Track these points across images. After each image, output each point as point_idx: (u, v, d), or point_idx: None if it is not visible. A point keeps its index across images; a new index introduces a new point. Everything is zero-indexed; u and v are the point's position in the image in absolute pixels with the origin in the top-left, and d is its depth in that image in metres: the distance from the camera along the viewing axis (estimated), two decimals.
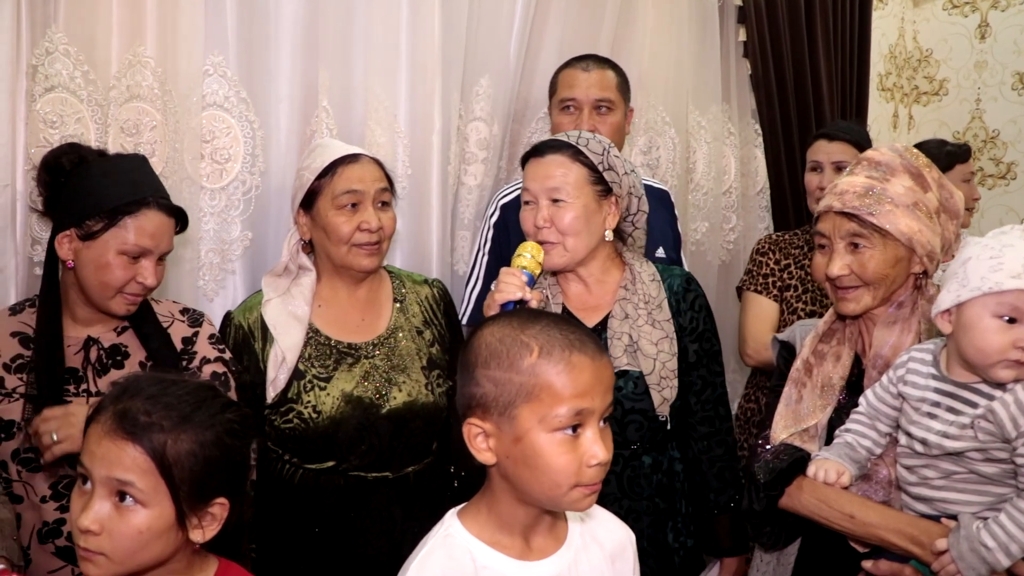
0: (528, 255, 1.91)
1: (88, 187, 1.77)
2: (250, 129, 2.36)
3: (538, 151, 2.02)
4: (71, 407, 1.72)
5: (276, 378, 2.00)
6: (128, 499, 1.23)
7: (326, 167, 2.02)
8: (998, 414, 1.49)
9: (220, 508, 1.31)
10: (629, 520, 1.93)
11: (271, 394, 2.00)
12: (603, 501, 1.90)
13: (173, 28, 2.19)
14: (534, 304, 1.84)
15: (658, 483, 2.01)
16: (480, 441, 1.25)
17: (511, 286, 1.84)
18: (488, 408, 1.23)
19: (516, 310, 1.72)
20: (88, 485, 1.25)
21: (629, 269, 2.05)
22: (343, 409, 2.00)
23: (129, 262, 1.77)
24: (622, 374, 1.96)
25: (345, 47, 2.46)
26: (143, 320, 1.87)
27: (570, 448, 1.21)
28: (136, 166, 1.85)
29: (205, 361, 1.90)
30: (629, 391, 1.96)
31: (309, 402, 1.99)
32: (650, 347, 1.97)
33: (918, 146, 3.18)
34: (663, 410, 1.97)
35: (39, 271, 2.05)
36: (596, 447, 1.21)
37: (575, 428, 1.21)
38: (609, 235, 2.03)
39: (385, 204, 2.07)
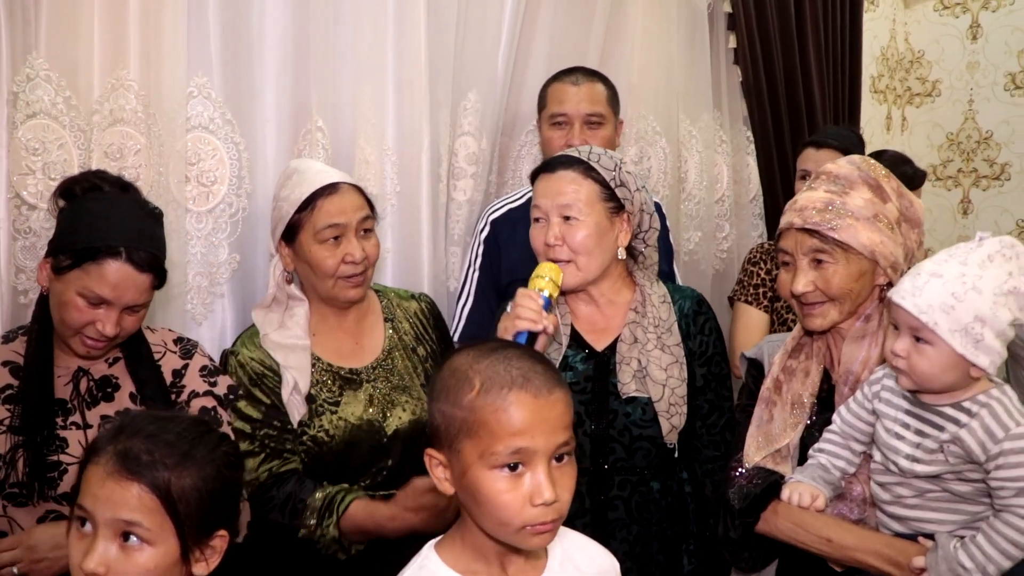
0: (547, 277, 1.86)
1: (71, 221, 1.74)
2: (236, 151, 2.34)
3: (548, 167, 1.98)
4: (25, 536, 1.68)
5: (289, 404, 1.99)
6: (133, 539, 1.23)
7: (305, 200, 1.99)
8: (965, 442, 1.49)
9: (221, 540, 1.33)
10: (639, 546, 1.94)
11: (295, 418, 1.99)
12: (612, 527, 1.92)
13: (156, 50, 2.17)
14: (551, 331, 1.80)
15: (668, 507, 1.98)
16: (440, 471, 1.26)
17: (529, 311, 1.77)
18: (440, 440, 1.24)
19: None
20: (88, 527, 1.25)
21: (640, 290, 2.02)
22: (355, 432, 2.01)
23: (88, 306, 1.71)
24: (631, 400, 1.93)
25: (331, 66, 2.44)
26: (135, 352, 1.85)
27: (513, 486, 1.19)
28: (127, 211, 1.78)
29: (194, 395, 1.87)
30: (637, 417, 1.93)
31: (322, 426, 2.00)
32: (659, 373, 1.93)
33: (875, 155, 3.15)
34: (671, 438, 1.93)
35: (23, 300, 2.05)
36: (541, 487, 1.18)
37: (516, 466, 1.19)
38: (622, 253, 1.99)
39: (367, 232, 2.05)
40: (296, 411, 1.99)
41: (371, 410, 2.04)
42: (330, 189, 2.01)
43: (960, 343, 1.47)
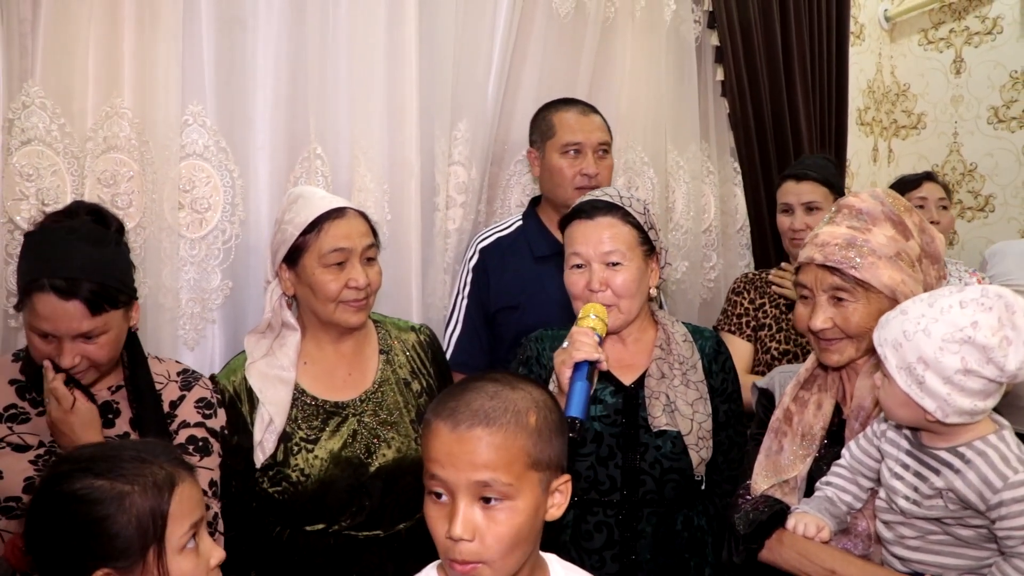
0: (594, 316, 1.86)
1: (20, 259, 1.76)
2: (230, 178, 2.37)
3: (585, 213, 1.99)
4: (70, 419, 1.72)
5: (264, 442, 1.96)
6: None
7: (311, 222, 1.97)
8: (961, 492, 1.47)
9: None
10: None
11: (260, 458, 1.96)
12: (639, 559, 1.93)
13: (151, 79, 2.21)
14: (604, 364, 1.81)
15: (688, 539, 2.00)
16: None
17: (587, 345, 1.78)
18: None
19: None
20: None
21: (662, 329, 2.06)
22: (332, 471, 1.96)
23: (43, 340, 1.71)
24: (661, 434, 1.95)
25: (325, 95, 2.47)
26: (135, 381, 1.85)
27: (439, 512, 1.22)
28: (56, 240, 1.72)
29: (184, 425, 1.86)
30: (668, 450, 1.94)
31: (297, 465, 1.96)
32: (686, 408, 1.97)
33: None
34: (701, 470, 1.96)
35: (14, 323, 2.07)
36: (452, 521, 1.19)
37: (440, 494, 1.22)
38: (654, 292, 2.04)
39: (371, 259, 2.04)
40: (263, 452, 1.96)
41: (354, 446, 2.00)
42: (337, 213, 2.00)
43: (904, 381, 1.47)
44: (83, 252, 1.71)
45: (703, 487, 2.00)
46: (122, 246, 1.82)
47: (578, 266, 1.98)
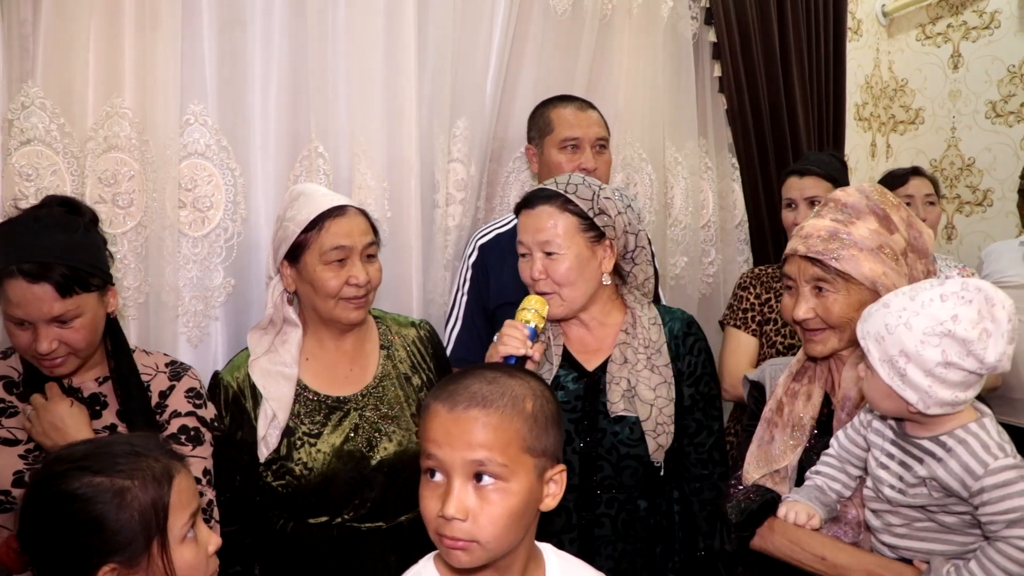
0: (532, 309, 1.90)
1: None
2: (231, 177, 2.39)
3: (528, 202, 2.02)
4: (55, 408, 1.76)
5: (267, 437, 1.99)
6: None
7: (312, 220, 1.99)
8: (943, 480, 1.49)
9: None
10: (624, 563, 1.97)
11: (264, 452, 1.98)
12: (598, 544, 1.95)
13: (151, 79, 2.22)
14: (537, 358, 1.84)
15: (655, 526, 2.01)
16: None
17: (514, 340, 1.83)
18: None
19: (500, 364, 1.72)
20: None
21: (630, 312, 2.06)
22: (334, 465, 1.99)
23: (19, 328, 1.72)
24: (619, 419, 1.96)
25: (325, 94, 2.49)
26: (120, 373, 1.86)
27: (431, 492, 1.25)
28: (23, 229, 1.73)
29: (175, 415, 1.88)
30: (625, 436, 1.96)
31: (300, 459, 1.98)
32: (648, 393, 1.97)
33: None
34: (657, 456, 1.97)
35: None
36: (448, 499, 1.21)
37: (434, 473, 1.24)
38: (606, 279, 2.04)
39: (371, 256, 2.06)
40: (267, 446, 1.98)
41: (356, 440, 2.02)
42: (338, 211, 2.01)
43: (886, 374, 1.49)
44: (51, 237, 1.73)
45: (662, 473, 2.01)
46: (92, 232, 1.81)
47: (523, 255, 2.02)
